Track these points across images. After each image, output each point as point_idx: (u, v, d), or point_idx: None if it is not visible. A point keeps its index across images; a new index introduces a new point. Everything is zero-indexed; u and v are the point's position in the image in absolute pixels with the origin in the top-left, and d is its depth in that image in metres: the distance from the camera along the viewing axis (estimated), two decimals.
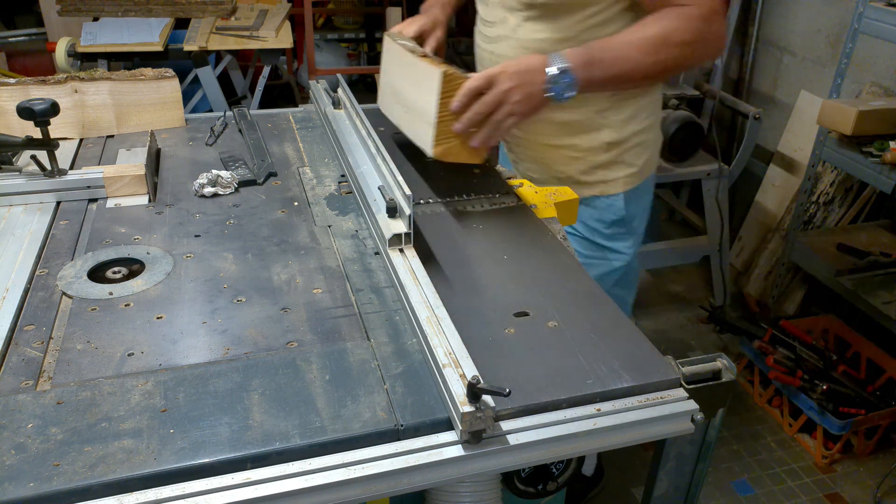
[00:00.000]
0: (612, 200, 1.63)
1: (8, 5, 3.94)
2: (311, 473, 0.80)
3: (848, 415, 2.32)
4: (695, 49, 1.27)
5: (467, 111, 1.20)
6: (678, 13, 1.24)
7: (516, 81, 1.18)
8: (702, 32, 1.25)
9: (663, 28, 1.24)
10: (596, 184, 1.62)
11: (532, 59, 1.20)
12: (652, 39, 1.23)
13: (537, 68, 1.19)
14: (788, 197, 3.13)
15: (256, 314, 1.05)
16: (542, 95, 1.20)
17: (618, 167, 1.60)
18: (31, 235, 1.23)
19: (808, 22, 3.07)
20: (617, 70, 1.24)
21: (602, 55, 1.21)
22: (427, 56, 1.31)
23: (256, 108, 3.11)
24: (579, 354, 0.97)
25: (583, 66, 1.19)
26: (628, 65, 1.24)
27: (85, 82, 1.59)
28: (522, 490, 1.03)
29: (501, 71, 1.19)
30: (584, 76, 1.20)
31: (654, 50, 1.24)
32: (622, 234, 1.66)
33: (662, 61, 1.25)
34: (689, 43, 1.25)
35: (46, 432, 0.82)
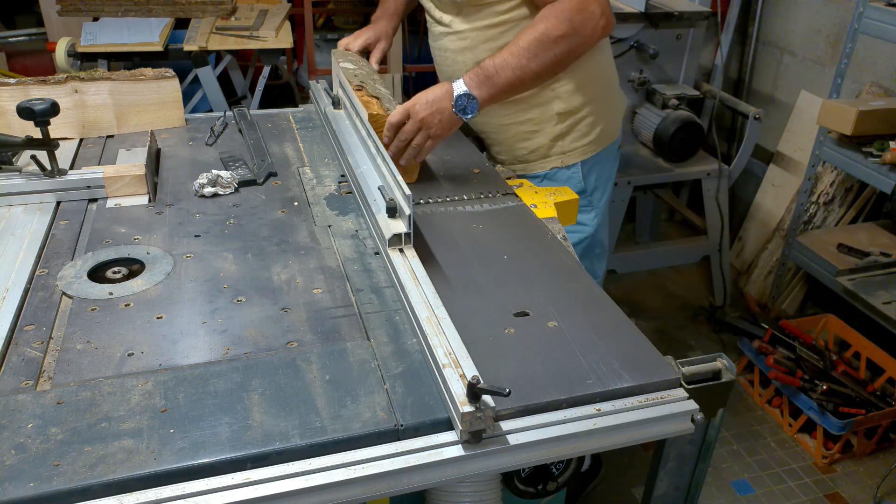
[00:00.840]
0: (572, 172, 1.73)
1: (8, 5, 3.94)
2: (311, 473, 0.80)
3: (848, 415, 2.32)
4: (574, 38, 1.42)
5: (393, 141, 1.40)
6: (552, 9, 1.41)
7: (429, 109, 1.38)
8: (574, 21, 1.40)
9: (539, 30, 1.40)
10: (555, 156, 1.72)
11: (440, 87, 1.41)
12: (532, 43, 1.40)
13: (445, 95, 1.39)
14: (788, 197, 3.13)
15: (256, 314, 1.05)
16: (453, 116, 1.40)
17: (573, 138, 1.70)
18: (31, 235, 1.23)
19: (808, 22, 3.07)
20: (508, 80, 1.41)
21: (493, 71, 1.40)
22: (362, 87, 1.50)
23: (256, 108, 3.11)
24: (579, 354, 0.97)
25: (479, 85, 1.40)
26: (517, 73, 1.41)
27: (85, 82, 1.59)
28: (522, 490, 1.03)
29: (415, 103, 1.39)
30: (482, 94, 1.40)
31: (536, 52, 1.40)
32: (584, 206, 1.76)
33: (547, 60, 1.42)
34: (567, 34, 1.40)
35: (46, 432, 0.82)
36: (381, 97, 1.47)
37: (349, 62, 1.66)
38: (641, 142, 3.02)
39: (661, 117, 2.83)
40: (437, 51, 1.75)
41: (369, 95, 1.47)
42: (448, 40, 1.68)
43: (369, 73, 1.63)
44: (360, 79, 1.55)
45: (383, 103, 1.44)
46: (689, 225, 3.44)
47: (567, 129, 1.69)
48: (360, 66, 1.65)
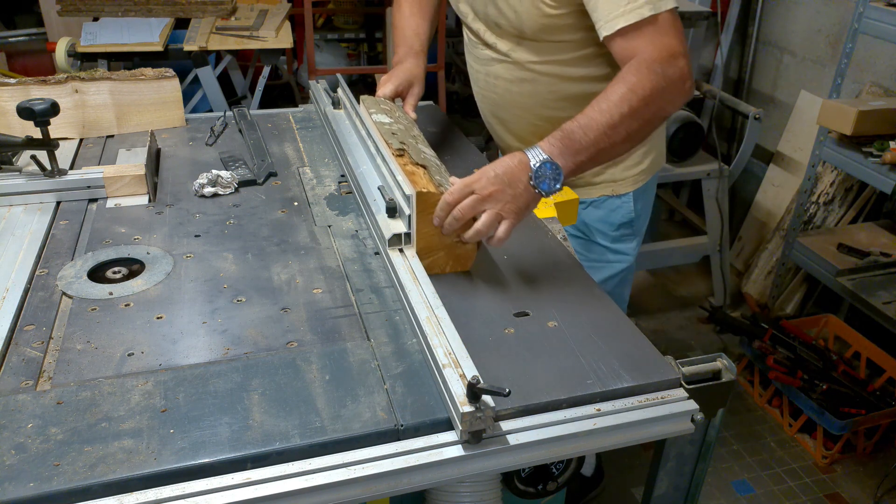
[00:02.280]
0: (623, 201, 1.63)
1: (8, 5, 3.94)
2: (311, 473, 0.80)
3: (848, 415, 2.31)
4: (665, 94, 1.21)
5: (447, 220, 1.11)
6: (638, 62, 1.21)
7: (498, 184, 1.10)
8: (667, 74, 1.20)
9: (629, 83, 1.19)
10: (605, 184, 1.61)
11: (511, 159, 1.14)
12: (623, 97, 1.17)
13: (518, 166, 1.13)
14: (788, 197, 3.13)
15: (256, 314, 1.05)
16: (530, 191, 1.13)
17: (626, 166, 1.61)
18: (31, 235, 1.23)
19: (808, 22, 3.07)
20: (598, 144, 1.17)
21: (581, 134, 1.16)
22: (404, 152, 1.22)
23: (256, 108, 3.11)
24: (579, 354, 0.97)
25: (563, 152, 1.14)
26: (609, 134, 1.17)
27: (85, 82, 1.59)
28: (522, 490, 1.03)
29: (479, 177, 1.11)
30: (567, 163, 1.15)
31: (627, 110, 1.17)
32: (628, 235, 1.66)
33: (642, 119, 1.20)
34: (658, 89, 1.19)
35: (46, 432, 0.82)
36: (428, 165, 1.20)
37: (383, 114, 1.39)
38: None
39: None
40: (484, 76, 1.58)
41: (414, 163, 1.19)
42: (502, 68, 1.52)
43: (408, 127, 1.37)
44: (400, 138, 1.28)
45: (431, 174, 1.17)
46: (689, 225, 3.44)
47: (621, 158, 1.56)
48: (395, 118, 1.39)
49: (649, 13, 1.21)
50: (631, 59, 1.23)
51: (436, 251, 1.14)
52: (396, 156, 1.21)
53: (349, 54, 5.04)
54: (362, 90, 4.96)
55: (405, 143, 1.25)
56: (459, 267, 1.17)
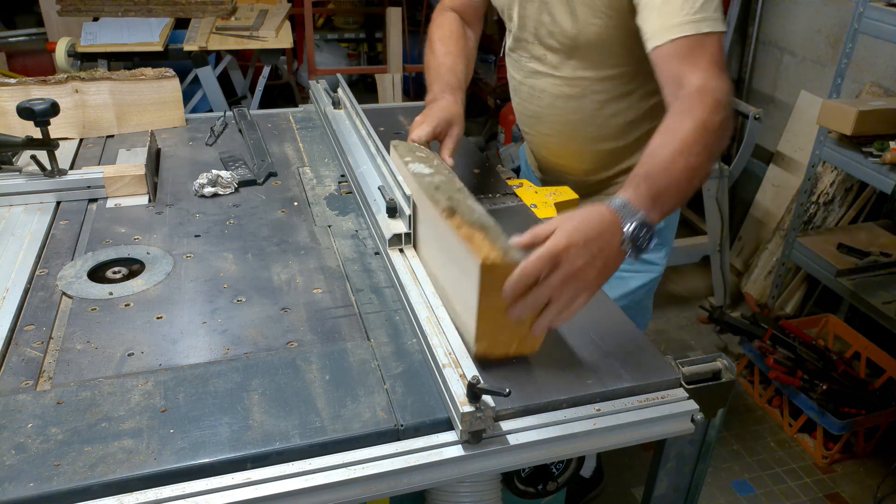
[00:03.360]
0: None
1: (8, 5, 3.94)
2: (311, 473, 0.80)
3: (848, 415, 2.31)
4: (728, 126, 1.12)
5: (524, 298, 0.90)
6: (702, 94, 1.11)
7: (589, 255, 0.91)
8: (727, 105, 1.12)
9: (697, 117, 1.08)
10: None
11: (599, 218, 0.95)
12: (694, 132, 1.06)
13: (610, 229, 0.95)
14: (788, 197, 3.13)
15: (256, 314, 1.05)
16: (621, 257, 0.97)
17: None
18: (31, 235, 1.23)
19: (808, 22, 3.07)
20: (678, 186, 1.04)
21: (663, 181, 1.01)
22: (455, 211, 0.99)
23: (256, 108, 3.11)
24: (579, 354, 0.97)
25: (652, 205, 0.98)
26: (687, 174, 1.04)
27: (86, 82, 1.59)
28: (522, 490, 1.03)
29: (568, 244, 0.90)
30: (655, 216, 0.99)
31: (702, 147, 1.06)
32: (657, 244, 1.62)
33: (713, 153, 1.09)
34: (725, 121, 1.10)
35: (46, 432, 0.82)
36: (486, 226, 0.95)
37: (421, 164, 1.18)
38: None
39: None
40: (528, 88, 1.53)
41: (470, 225, 0.95)
42: (549, 82, 1.48)
43: (450, 179, 1.13)
44: (446, 192, 1.05)
45: (492, 238, 0.92)
46: (689, 225, 3.44)
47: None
48: (436, 168, 1.17)
49: (707, 29, 1.16)
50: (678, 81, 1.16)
51: (501, 330, 0.94)
52: (447, 217, 0.99)
53: (349, 54, 5.04)
54: (362, 90, 4.96)
55: (453, 199, 1.03)
56: (527, 349, 0.96)
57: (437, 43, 1.53)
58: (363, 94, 4.79)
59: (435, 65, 1.49)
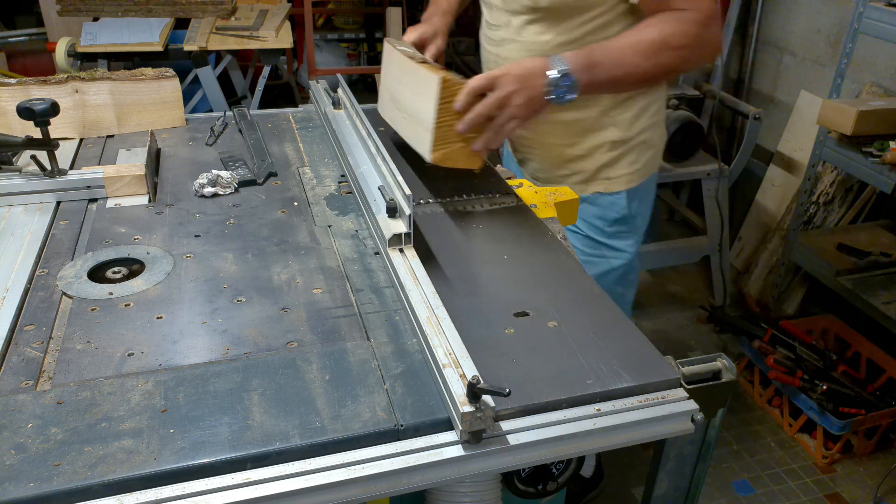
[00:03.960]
0: (616, 198, 1.65)
1: (8, 5, 3.94)
2: (311, 473, 0.80)
3: (848, 415, 2.32)
4: (692, 52, 1.29)
5: (469, 112, 1.19)
6: (676, 17, 1.26)
7: (518, 85, 1.18)
8: (699, 37, 1.26)
9: (661, 32, 1.25)
10: (599, 181, 1.63)
11: (533, 61, 1.20)
12: (650, 43, 1.25)
13: (538, 72, 1.19)
14: (788, 197, 3.13)
15: (256, 314, 1.05)
16: (543, 98, 1.20)
17: (621, 165, 1.62)
18: (31, 235, 1.23)
19: (808, 22, 3.07)
20: (616, 73, 1.25)
21: (602, 58, 1.22)
22: (426, 62, 1.31)
23: (256, 108, 3.11)
24: (579, 354, 0.97)
25: (583, 68, 1.20)
26: (627, 68, 1.25)
27: (86, 82, 1.59)
28: (522, 490, 1.03)
29: (503, 73, 1.18)
30: (584, 79, 1.21)
31: (653, 53, 1.25)
32: (624, 232, 1.68)
33: (661, 64, 1.28)
34: (687, 47, 1.27)
35: (46, 432, 0.82)
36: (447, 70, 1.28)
37: (406, 47, 1.49)
38: None
39: None
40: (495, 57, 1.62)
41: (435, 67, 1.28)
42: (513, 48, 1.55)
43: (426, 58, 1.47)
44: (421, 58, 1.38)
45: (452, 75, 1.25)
46: (689, 225, 3.44)
47: (617, 157, 1.60)
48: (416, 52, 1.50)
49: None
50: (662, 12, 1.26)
51: (452, 143, 1.19)
52: (419, 62, 1.28)
53: (349, 54, 5.04)
54: (362, 90, 4.96)
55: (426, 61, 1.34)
56: (472, 164, 1.25)
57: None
58: (363, 94, 4.79)
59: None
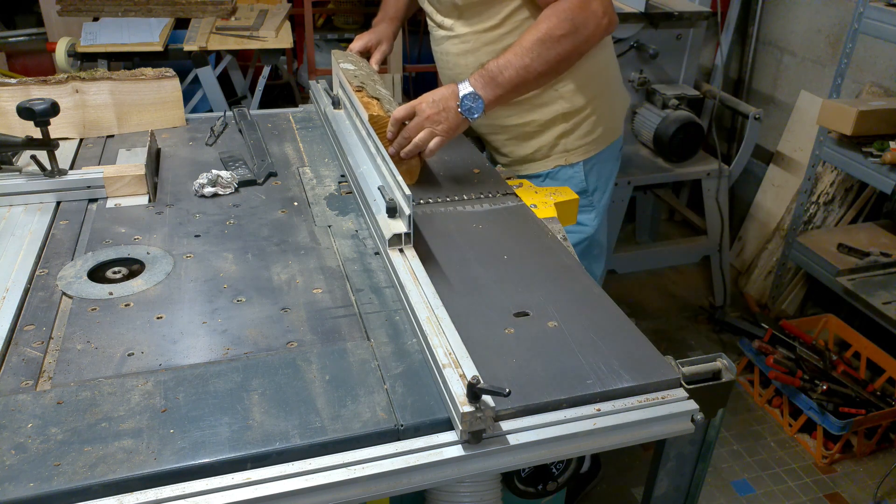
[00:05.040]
0: (574, 171, 1.73)
1: (8, 5, 3.94)
2: (311, 473, 0.80)
3: (848, 415, 2.31)
4: (577, 36, 1.42)
5: (396, 138, 1.41)
6: (553, 9, 1.41)
7: (435, 108, 1.40)
8: (576, 20, 1.40)
9: (542, 29, 1.41)
10: (559, 154, 1.72)
11: (447, 88, 1.42)
12: (535, 43, 1.41)
13: (450, 94, 1.41)
14: (788, 197, 3.13)
15: (256, 314, 1.05)
16: (458, 116, 1.40)
17: (576, 135, 1.70)
18: (31, 235, 1.23)
19: (808, 22, 3.07)
20: (513, 80, 1.41)
21: (497, 71, 1.41)
22: (362, 88, 1.49)
23: (256, 108, 3.11)
24: (579, 354, 0.97)
25: (484, 86, 1.41)
26: (522, 72, 1.41)
27: (86, 82, 1.59)
28: (522, 490, 1.03)
29: (421, 101, 1.40)
30: (488, 94, 1.41)
31: (539, 52, 1.41)
32: (584, 206, 1.75)
33: (552, 59, 1.42)
34: (569, 33, 1.41)
35: (46, 432, 0.82)
36: (382, 98, 1.47)
37: (349, 63, 1.66)
38: (641, 142, 3.02)
39: (661, 117, 2.83)
40: (439, 54, 1.76)
41: (370, 96, 1.47)
42: (450, 44, 1.68)
43: (369, 73, 1.63)
44: (361, 80, 1.54)
45: (384, 104, 1.44)
46: (689, 225, 3.44)
47: (571, 128, 1.69)
48: (360, 66, 1.65)
49: None
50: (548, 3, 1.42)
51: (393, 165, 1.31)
52: (356, 90, 1.49)
53: None
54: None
55: (364, 84, 1.52)
56: (409, 180, 1.44)
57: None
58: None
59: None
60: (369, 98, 1.46)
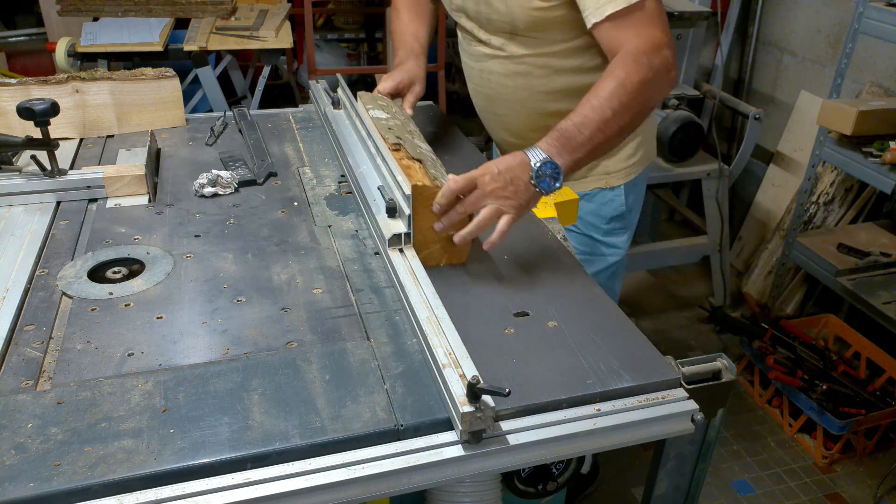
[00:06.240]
0: (614, 194, 1.64)
1: (8, 5, 3.94)
2: (311, 473, 0.80)
3: (848, 415, 2.31)
4: (654, 83, 1.24)
5: (450, 213, 1.13)
6: (627, 54, 1.24)
7: (500, 182, 1.13)
8: (652, 64, 1.23)
9: (618, 75, 1.22)
10: (598, 176, 1.63)
11: (513, 157, 1.17)
12: (613, 92, 1.21)
13: (519, 164, 1.16)
14: (788, 197, 3.13)
15: (256, 314, 1.05)
16: (530, 189, 1.16)
17: (619, 159, 1.62)
18: (31, 235, 1.23)
19: (808, 22, 3.07)
20: (594, 139, 1.21)
21: (577, 131, 1.19)
22: (400, 146, 1.23)
23: (256, 108, 3.11)
24: (579, 354, 0.97)
25: (560, 151, 1.18)
26: (603, 128, 1.21)
27: (86, 82, 1.59)
28: (522, 490, 1.03)
29: (483, 173, 1.14)
30: (566, 161, 1.18)
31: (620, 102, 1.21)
32: (619, 229, 1.68)
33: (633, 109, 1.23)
34: (648, 79, 1.23)
35: (46, 432, 0.82)
36: (424, 159, 1.21)
37: (380, 110, 1.40)
38: None
39: (661, 117, 2.83)
40: (478, 72, 1.60)
41: (410, 157, 1.20)
42: (496, 63, 1.54)
43: (404, 123, 1.39)
44: (396, 133, 1.29)
45: (427, 168, 1.18)
46: (689, 225, 3.44)
47: (614, 152, 1.59)
48: (393, 114, 1.40)
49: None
50: (617, 49, 1.27)
51: (432, 244, 1.16)
52: (393, 150, 1.23)
53: (349, 54, 5.03)
54: (362, 90, 4.96)
55: (401, 139, 1.26)
56: (455, 259, 1.19)
57: (402, 10, 1.67)
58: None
59: (400, 30, 1.66)
60: (410, 160, 1.19)
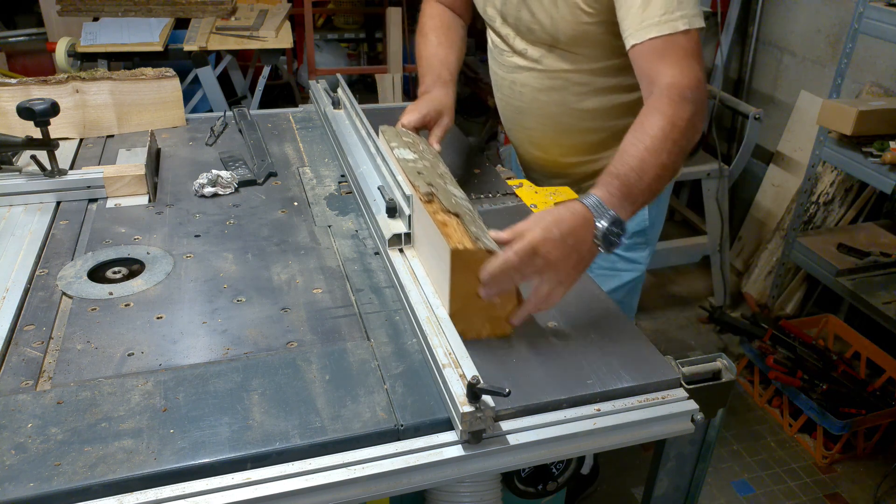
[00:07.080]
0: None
1: (8, 5, 3.94)
2: (312, 473, 0.80)
3: (848, 415, 2.31)
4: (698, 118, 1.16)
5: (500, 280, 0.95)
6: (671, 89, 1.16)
7: (565, 248, 0.97)
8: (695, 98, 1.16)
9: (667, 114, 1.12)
10: None
11: (573, 216, 0.99)
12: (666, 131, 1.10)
13: (582, 224, 0.99)
14: (788, 197, 3.13)
15: (256, 314, 1.05)
16: (593, 254, 1.02)
17: None
18: (31, 235, 1.23)
19: (808, 22, 3.07)
20: (653, 186, 1.09)
21: (637, 178, 1.06)
22: (433, 198, 1.06)
23: (256, 108, 3.11)
24: (579, 354, 0.97)
25: (622, 200, 1.04)
26: (661, 173, 1.09)
27: (86, 82, 1.59)
28: (522, 490, 1.03)
29: (545, 238, 0.95)
30: (626, 211, 1.05)
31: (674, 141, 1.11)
32: (641, 244, 1.62)
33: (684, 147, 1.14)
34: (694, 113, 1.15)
35: (46, 432, 0.82)
36: (461, 213, 1.03)
37: (406, 148, 1.24)
38: None
39: None
40: (508, 83, 1.53)
41: (446, 212, 1.02)
42: (530, 76, 1.47)
43: (434, 164, 1.22)
44: (427, 178, 1.13)
45: (466, 224, 0.99)
46: (689, 225, 3.44)
47: None
48: (421, 155, 1.24)
49: (683, 27, 1.18)
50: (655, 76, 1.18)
51: (474, 315, 0.98)
52: (425, 202, 1.05)
53: (349, 54, 5.03)
54: (362, 90, 4.96)
55: (433, 185, 1.11)
56: (499, 331, 1.00)
57: (431, 34, 1.55)
58: (363, 94, 4.78)
59: (427, 55, 1.53)
60: (446, 214, 1.02)
